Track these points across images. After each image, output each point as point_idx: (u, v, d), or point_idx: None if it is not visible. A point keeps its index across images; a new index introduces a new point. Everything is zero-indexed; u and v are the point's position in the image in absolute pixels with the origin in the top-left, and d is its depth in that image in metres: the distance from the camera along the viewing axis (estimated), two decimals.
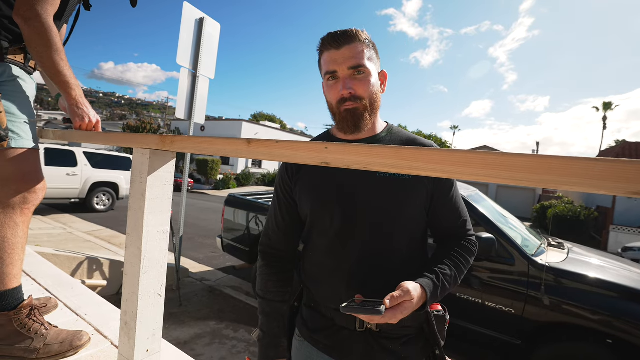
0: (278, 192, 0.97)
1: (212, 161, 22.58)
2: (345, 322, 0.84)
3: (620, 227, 11.83)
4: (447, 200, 0.88)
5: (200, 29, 3.93)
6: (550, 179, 0.38)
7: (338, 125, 0.86)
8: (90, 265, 3.58)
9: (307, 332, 0.93)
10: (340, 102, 0.82)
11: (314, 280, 0.92)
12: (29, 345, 1.13)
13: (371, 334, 0.84)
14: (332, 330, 0.87)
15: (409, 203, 0.84)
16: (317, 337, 0.90)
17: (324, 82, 0.86)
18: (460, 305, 2.60)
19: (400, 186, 0.83)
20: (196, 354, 2.76)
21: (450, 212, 0.89)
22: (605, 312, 2.15)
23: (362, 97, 0.81)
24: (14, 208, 1.10)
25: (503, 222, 2.88)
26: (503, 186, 23.89)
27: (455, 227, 0.90)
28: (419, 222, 0.87)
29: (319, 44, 0.84)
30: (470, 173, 0.41)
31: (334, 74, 0.81)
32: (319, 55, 0.86)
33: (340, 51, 0.79)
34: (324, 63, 0.83)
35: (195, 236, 7.29)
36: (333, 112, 0.86)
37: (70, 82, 1.15)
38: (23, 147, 1.11)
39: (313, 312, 0.92)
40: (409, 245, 0.86)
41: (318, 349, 0.90)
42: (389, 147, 0.46)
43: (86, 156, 8.81)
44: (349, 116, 0.81)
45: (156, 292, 1.03)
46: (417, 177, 0.83)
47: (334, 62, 0.80)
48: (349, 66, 0.79)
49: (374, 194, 0.83)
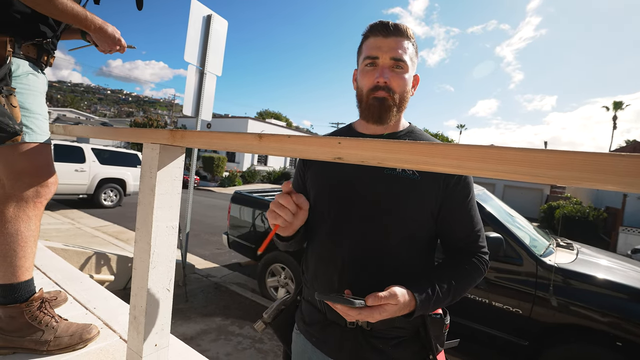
0: (296, 175, 1.01)
1: (217, 158, 22.67)
2: (336, 317, 0.83)
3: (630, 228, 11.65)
4: (460, 209, 0.83)
5: (208, 26, 3.94)
6: (572, 174, 0.37)
7: (362, 113, 0.85)
8: (98, 260, 3.62)
9: (303, 325, 0.94)
10: (372, 89, 0.81)
11: (311, 273, 0.92)
12: (39, 337, 1.14)
13: (361, 332, 0.82)
14: (324, 324, 0.87)
15: (411, 203, 0.80)
16: (311, 331, 0.90)
17: (360, 67, 0.84)
18: (466, 304, 2.58)
19: (405, 185, 0.80)
20: (202, 349, 2.78)
21: (463, 223, 0.84)
22: (615, 313, 2.11)
23: (394, 91, 0.80)
24: (27, 202, 1.11)
25: (511, 221, 2.85)
26: (510, 185, 23.65)
27: (468, 240, 0.85)
28: (421, 225, 0.83)
29: (366, 29, 0.84)
30: (488, 169, 0.40)
31: (375, 60, 0.80)
32: (362, 40, 0.85)
33: (387, 40, 0.79)
34: (367, 48, 0.82)
35: (201, 233, 7.33)
36: (360, 100, 0.85)
37: (85, 20, 1.14)
38: (36, 141, 1.12)
39: (309, 306, 0.93)
40: (408, 247, 0.83)
41: (311, 342, 0.90)
42: (404, 142, 0.46)
43: (94, 152, 8.89)
44: (376, 104, 0.81)
45: (165, 287, 1.03)
46: (428, 181, 0.80)
47: (378, 49, 0.79)
48: (391, 56, 0.79)
49: (374, 188, 0.82)
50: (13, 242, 1.09)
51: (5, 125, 0.97)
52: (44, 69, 1.22)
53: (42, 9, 1.03)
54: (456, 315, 2.63)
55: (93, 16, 1.16)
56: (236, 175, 22.82)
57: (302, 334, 0.94)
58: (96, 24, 1.17)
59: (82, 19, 1.12)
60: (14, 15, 1.07)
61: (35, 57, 1.16)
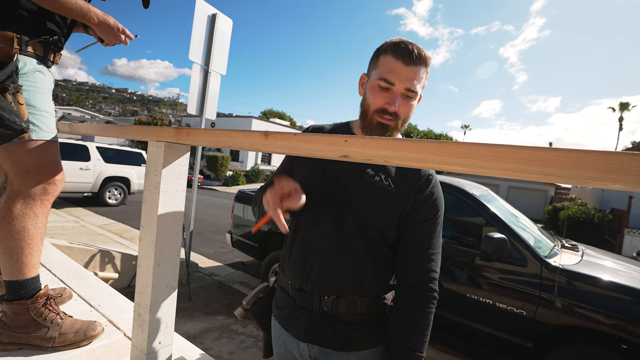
0: (284, 160, 1.03)
1: (221, 157, 22.72)
2: (304, 302, 0.89)
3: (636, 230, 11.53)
4: (421, 229, 0.85)
5: (213, 25, 3.94)
6: (583, 174, 0.37)
7: (364, 129, 0.88)
8: (102, 258, 3.64)
9: (276, 310, 0.99)
10: (380, 112, 0.83)
11: (286, 260, 0.96)
12: (44, 334, 1.15)
13: (327, 317, 0.87)
14: (293, 309, 0.92)
15: (380, 211, 0.84)
16: (282, 315, 0.95)
17: (373, 82, 0.84)
18: (470, 305, 2.57)
19: (378, 194, 0.84)
20: (205, 347, 2.79)
21: (424, 247, 0.85)
22: (621, 316, 2.09)
23: (399, 116, 0.83)
24: (34, 199, 1.12)
25: (515, 222, 2.83)
26: (514, 186, 23.51)
27: (424, 273, 0.85)
28: (387, 235, 0.87)
29: (388, 45, 0.82)
30: (498, 167, 0.39)
31: (390, 85, 0.81)
32: (381, 53, 0.84)
33: (407, 68, 0.80)
34: (385, 68, 0.81)
35: (204, 231, 7.35)
36: (365, 114, 0.87)
37: (87, 14, 1.14)
38: (43, 139, 1.13)
39: (282, 292, 0.97)
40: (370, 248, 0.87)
41: (282, 326, 0.95)
42: (411, 140, 0.45)
43: (99, 151, 8.95)
44: (379, 128, 0.84)
45: (169, 284, 1.04)
46: (402, 195, 0.84)
47: (396, 75, 0.80)
48: (406, 87, 0.80)
49: (351, 190, 0.86)
50: (20, 239, 1.09)
51: (12, 122, 0.98)
52: (51, 66, 1.23)
53: (44, 3, 1.04)
54: (459, 316, 2.62)
55: (95, 9, 1.17)
56: (240, 174, 22.87)
57: (276, 319, 0.99)
58: (99, 16, 1.18)
59: (84, 12, 1.13)
60: (21, 12, 1.07)
61: (42, 55, 1.16)
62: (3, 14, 1.04)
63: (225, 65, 4.23)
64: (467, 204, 2.78)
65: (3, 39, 1.04)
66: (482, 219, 2.74)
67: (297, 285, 0.90)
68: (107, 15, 1.22)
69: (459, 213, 2.92)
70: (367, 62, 0.91)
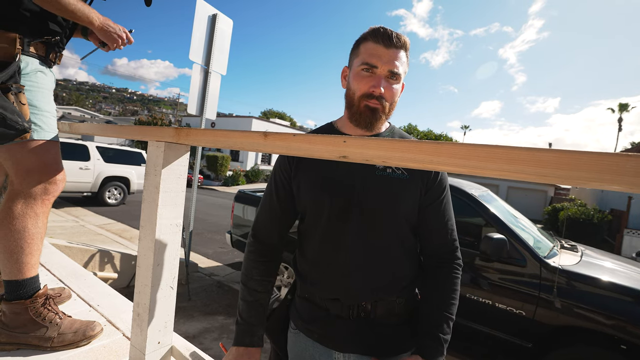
0: (277, 181, 0.95)
1: (221, 157, 22.73)
2: (339, 311, 0.87)
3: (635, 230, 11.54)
4: (436, 206, 0.89)
5: (213, 25, 3.95)
6: (579, 174, 0.37)
7: (353, 117, 0.86)
8: (101, 257, 3.64)
9: (301, 323, 0.95)
10: (366, 96, 0.82)
11: (309, 271, 0.93)
12: (43, 334, 1.15)
13: (365, 322, 0.87)
14: (327, 320, 0.89)
15: (405, 203, 0.86)
16: (312, 328, 0.92)
17: (356, 69, 0.84)
18: (469, 305, 2.57)
19: (398, 185, 0.85)
20: (205, 347, 2.79)
21: (439, 223, 0.90)
22: (620, 316, 2.10)
23: (386, 100, 0.83)
24: (35, 198, 1.12)
25: (514, 222, 2.83)
26: (514, 187, 23.52)
27: (445, 249, 0.91)
28: (412, 225, 0.90)
29: (368, 32, 0.83)
30: (495, 168, 0.40)
31: (373, 68, 0.81)
32: (361, 41, 0.85)
33: (388, 50, 0.80)
34: (366, 53, 0.82)
35: (204, 231, 7.35)
36: (351, 103, 0.86)
37: (89, 15, 1.14)
38: (44, 139, 1.13)
39: (307, 303, 0.94)
40: (403, 242, 0.89)
41: (313, 339, 0.92)
42: (409, 141, 0.46)
43: (99, 150, 8.95)
44: (368, 113, 0.83)
45: (168, 284, 1.04)
46: (415, 180, 0.86)
47: (378, 58, 0.80)
48: (389, 69, 0.81)
49: (371, 190, 0.85)
50: (20, 238, 1.10)
51: (15, 122, 0.98)
52: (52, 66, 1.23)
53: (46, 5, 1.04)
54: (458, 316, 2.61)
55: (96, 12, 1.17)
56: (240, 174, 22.87)
57: (302, 332, 0.94)
58: (100, 19, 1.18)
59: (86, 15, 1.13)
60: (23, 13, 1.07)
61: (44, 55, 1.16)
62: (6, 15, 1.05)
63: (225, 66, 4.24)
64: (466, 204, 2.78)
65: (6, 40, 1.04)
66: (482, 220, 2.74)
67: (330, 296, 0.88)
68: (107, 18, 1.22)
69: (458, 213, 2.91)
70: None
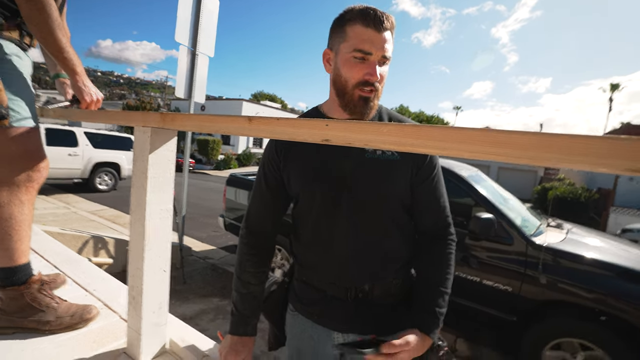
0: (265, 171, 0.94)
1: (212, 141, 22.50)
2: (337, 293, 0.88)
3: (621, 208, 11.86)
4: (428, 184, 0.88)
5: (199, 5, 3.82)
6: (551, 156, 0.38)
7: (346, 106, 0.81)
8: (95, 243, 3.64)
9: (300, 305, 0.96)
10: (360, 84, 0.77)
11: (305, 256, 0.94)
12: (41, 318, 1.17)
13: (363, 302, 0.88)
14: (325, 301, 0.90)
15: (398, 184, 0.85)
16: (311, 310, 0.93)
17: (346, 56, 0.77)
18: (457, 282, 2.65)
19: (389, 167, 0.83)
20: (201, 328, 2.86)
21: (432, 200, 0.90)
22: (600, 290, 2.19)
23: (378, 87, 0.79)
24: (19, 186, 1.11)
25: (503, 202, 2.89)
26: (504, 167, 23.82)
27: (438, 226, 0.91)
28: (406, 205, 0.89)
29: (354, 14, 0.76)
30: (471, 150, 0.41)
31: (368, 55, 0.75)
32: (347, 23, 0.77)
33: (380, 35, 0.75)
34: (357, 38, 0.75)
35: (197, 216, 7.37)
36: (344, 91, 0.80)
37: (73, 59, 1.14)
38: (25, 126, 1.11)
39: (305, 286, 0.95)
40: (397, 223, 0.89)
41: (312, 320, 0.93)
42: (391, 125, 0.46)
43: (87, 136, 8.78)
44: (362, 103, 0.79)
45: (161, 268, 1.05)
46: (406, 160, 0.84)
47: (372, 44, 0.74)
48: (383, 54, 0.76)
49: (362, 173, 0.83)
50: (7, 226, 1.09)
51: None
52: (28, 50, 1.19)
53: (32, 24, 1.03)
54: None
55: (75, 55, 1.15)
56: (231, 158, 22.73)
57: (300, 314, 0.96)
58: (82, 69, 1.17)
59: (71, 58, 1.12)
60: None
61: (19, 39, 1.13)
62: None
63: (212, 47, 4.13)
64: (455, 185, 2.82)
65: None
66: (471, 200, 2.79)
67: (327, 280, 0.89)
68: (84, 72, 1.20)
69: (448, 194, 2.96)
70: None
